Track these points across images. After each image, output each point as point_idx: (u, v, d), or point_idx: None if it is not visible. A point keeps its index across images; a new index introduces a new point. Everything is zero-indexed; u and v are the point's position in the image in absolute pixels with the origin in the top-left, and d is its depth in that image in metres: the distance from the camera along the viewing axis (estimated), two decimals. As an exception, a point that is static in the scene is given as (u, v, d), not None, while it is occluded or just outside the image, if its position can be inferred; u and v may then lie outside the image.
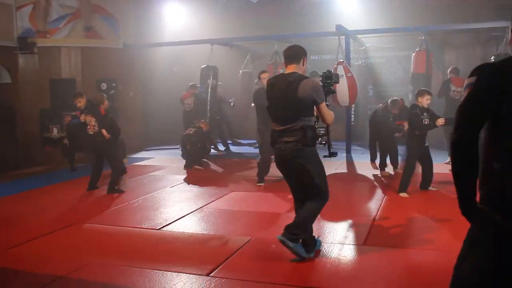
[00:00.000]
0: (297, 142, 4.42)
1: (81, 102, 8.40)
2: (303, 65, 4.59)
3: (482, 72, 1.97)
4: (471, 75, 2.00)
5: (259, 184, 8.18)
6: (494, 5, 12.78)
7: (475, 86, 1.96)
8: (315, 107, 4.52)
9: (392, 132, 8.61)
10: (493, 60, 10.17)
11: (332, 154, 5.06)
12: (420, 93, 7.11)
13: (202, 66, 11.74)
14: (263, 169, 8.23)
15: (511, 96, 1.87)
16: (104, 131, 7.67)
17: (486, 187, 1.97)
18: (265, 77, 7.91)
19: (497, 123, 1.92)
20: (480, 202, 1.98)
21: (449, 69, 10.84)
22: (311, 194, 4.61)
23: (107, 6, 12.14)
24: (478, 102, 1.95)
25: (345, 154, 11.01)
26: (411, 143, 7.05)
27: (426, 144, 7.10)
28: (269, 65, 12.54)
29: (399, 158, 8.58)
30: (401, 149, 8.22)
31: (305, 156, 4.48)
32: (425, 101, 7.01)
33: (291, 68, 4.54)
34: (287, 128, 4.45)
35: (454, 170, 1.99)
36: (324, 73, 5.07)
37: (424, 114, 6.95)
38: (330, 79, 4.97)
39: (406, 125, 7.60)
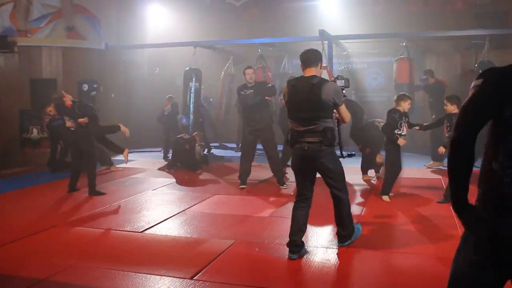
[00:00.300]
0: (320, 143, 4.65)
1: (52, 111, 8.44)
2: (320, 68, 4.81)
3: (490, 75, 2.00)
4: (479, 77, 2.03)
5: (242, 186, 8.17)
6: (474, 14, 13.02)
7: (481, 88, 1.99)
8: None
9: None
10: (476, 68, 10.33)
11: (350, 155, 5.36)
12: (402, 98, 7.13)
13: (186, 69, 11.70)
14: (242, 170, 8.23)
15: None
16: (80, 120, 7.61)
17: (485, 186, 2.01)
18: (249, 72, 8.07)
19: (499, 125, 1.95)
20: (478, 200, 2.03)
21: (424, 71, 10.92)
22: (335, 193, 4.95)
23: (90, 7, 12.04)
24: (482, 104, 1.99)
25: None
26: (389, 146, 7.09)
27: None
28: (257, 70, 12.54)
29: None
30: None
31: (327, 156, 4.73)
32: (406, 105, 7.07)
33: (311, 71, 4.74)
34: (309, 129, 4.66)
35: (450, 166, 2.04)
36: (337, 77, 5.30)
37: (404, 118, 7.02)
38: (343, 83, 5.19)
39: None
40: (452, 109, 7.04)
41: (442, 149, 6.94)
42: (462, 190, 2.00)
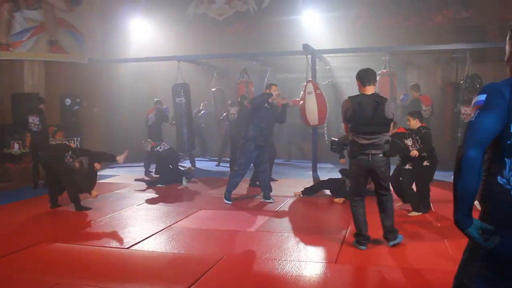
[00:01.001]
0: (383, 155, 5.29)
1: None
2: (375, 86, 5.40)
3: (493, 90, 2.01)
4: (481, 92, 2.04)
5: (228, 201, 8.13)
6: (454, 28, 13.26)
7: (485, 104, 2.00)
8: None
9: None
10: (462, 82, 10.48)
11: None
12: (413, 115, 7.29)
13: (174, 83, 11.70)
14: (233, 184, 8.19)
15: None
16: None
17: (491, 200, 2.02)
18: (275, 89, 8.07)
19: (504, 139, 1.97)
20: (482, 214, 2.05)
21: (411, 86, 11.08)
22: (384, 193, 5.49)
23: (73, 21, 11.97)
24: (489, 119, 1.99)
25: (311, 173, 11.08)
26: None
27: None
28: (239, 84, 12.62)
29: None
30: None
31: (386, 165, 5.42)
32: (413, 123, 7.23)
33: (371, 90, 5.28)
34: (373, 142, 5.23)
35: (458, 185, 2.03)
36: None
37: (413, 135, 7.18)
38: None
39: None
40: (415, 123, 7.12)
41: (415, 152, 6.92)
42: (469, 209, 2.02)
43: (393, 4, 13.84)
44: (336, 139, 6.20)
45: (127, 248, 5.68)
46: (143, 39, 14.01)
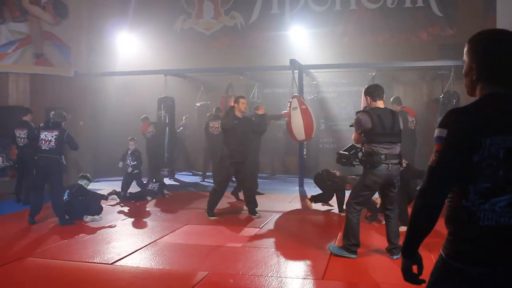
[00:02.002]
0: (399, 165, 5.63)
1: None
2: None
3: (453, 125, 1.97)
4: (442, 125, 2.00)
5: (212, 217, 8.07)
6: (439, 45, 13.42)
7: (446, 144, 1.96)
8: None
9: None
10: (441, 98, 10.58)
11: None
12: None
13: (159, 97, 11.65)
14: (214, 202, 8.16)
15: (481, 145, 1.90)
16: None
17: (456, 223, 2.00)
18: (244, 102, 8.11)
19: (467, 170, 1.94)
20: (448, 236, 2.03)
21: (392, 99, 11.12)
22: (393, 208, 5.76)
23: (59, 34, 11.93)
24: (451, 165, 1.97)
25: (297, 188, 11.07)
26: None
27: None
28: (222, 98, 12.61)
29: None
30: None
31: (399, 174, 5.71)
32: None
33: (382, 104, 5.63)
34: (390, 153, 5.50)
35: (415, 220, 2.05)
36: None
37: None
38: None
39: None
40: None
41: None
42: (417, 241, 2.08)
43: (379, 21, 13.99)
44: (346, 152, 6.31)
45: (111, 263, 5.60)
46: (130, 53, 13.97)
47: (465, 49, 2.14)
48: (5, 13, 11.17)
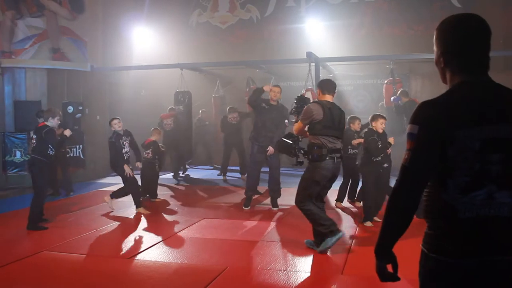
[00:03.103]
0: (340, 158, 5.66)
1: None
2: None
3: (424, 120, 1.88)
4: (413, 120, 1.91)
5: (246, 207, 8.20)
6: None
7: (418, 140, 1.88)
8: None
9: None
10: None
11: (300, 163, 6.06)
12: (374, 118, 7.03)
13: (176, 90, 11.64)
14: (250, 188, 8.30)
15: (455, 138, 1.82)
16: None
17: (435, 216, 1.93)
18: (274, 90, 8.17)
19: (442, 164, 1.86)
20: (429, 229, 1.96)
21: (399, 92, 10.95)
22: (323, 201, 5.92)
23: (76, 28, 11.96)
24: (423, 159, 1.89)
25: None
26: (366, 168, 7.03)
27: (386, 165, 7.04)
28: (247, 93, 12.61)
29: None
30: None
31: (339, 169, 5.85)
32: (379, 125, 6.93)
33: (331, 98, 5.69)
34: (335, 147, 5.56)
35: (388, 217, 1.98)
36: (298, 96, 6.19)
37: (379, 139, 6.94)
38: (303, 101, 5.99)
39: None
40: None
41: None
42: (391, 242, 2.00)
43: (396, 13, 13.82)
44: (289, 141, 5.97)
45: (129, 258, 5.60)
46: (146, 47, 13.99)
47: (434, 37, 2.05)
48: (22, 9, 11.22)
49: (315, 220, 5.58)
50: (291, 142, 5.93)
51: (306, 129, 5.69)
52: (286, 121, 8.17)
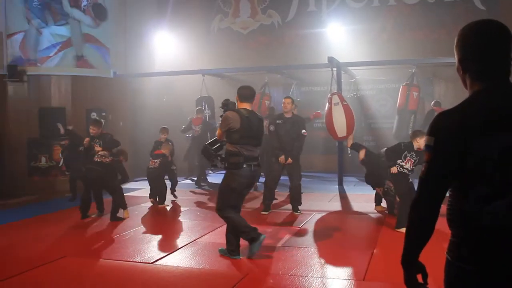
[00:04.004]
0: (258, 165, 5.72)
1: (94, 130, 8.43)
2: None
3: (440, 132, 1.86)
4: (430, 132, 1.90)
5: (264, 212, 8.23)
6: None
7: (434, 152, 1.87)
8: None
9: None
10: None
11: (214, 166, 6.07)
12: (417, 134, 6.93)
13: (197, 97, 11.73)
14: (268, 197, 8.34)
15: (473, 148, 1.79)
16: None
17: (458, 225, 1.91)
18: (285, 101, 8.24)
19: (462, 175, 1.84)
20: (453, 237, 1.94)
21: (432, 103, 10.95)
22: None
23: (99, 36, 12.14)
24: (440, 172, 1.87)
25: (337, 186, 10.95)
26: (396, 176, 6.99)
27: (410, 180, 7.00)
28: (257, 94, 12.59)
29: None
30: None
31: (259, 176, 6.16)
32: (422, 142, 6.58)
33: (250, 106, 5.79)
34: (252, 155, 5.63)
35: (408, 232, 1.99)
36: (223, 101, 6.03)
37: (412, 153, 6.87)
38: (227, 106, 5.90)
39: None
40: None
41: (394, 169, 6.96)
42: (415, 252, 1.99)
43: (418, 17, 13.70)
44: (211, 147, 5.96)
45: (151, 263, 5.64)
46: (167, 53, 14.12)
47: (455, 44, 2.02)
48: (47, 17, 11.43)
49: (235, 228, 5.63)
50: (211, 148, 5.92)
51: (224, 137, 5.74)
52: (304, 131, 8.16)
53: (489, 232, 1.82)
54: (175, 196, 9.79)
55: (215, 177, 13.30)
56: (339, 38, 13.52)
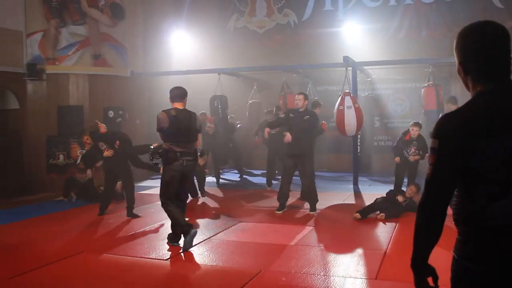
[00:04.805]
0: (193, 160, 6.24)
1: (88, 140, 9.06)
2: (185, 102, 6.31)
3: (443, 134, 1.88)
4: (434, 134, 1.91)
5: (278, 212, 8.26)
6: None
7: (439, 154, 1.88)
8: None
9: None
10: None
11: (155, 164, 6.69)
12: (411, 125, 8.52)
13: (212, 96, 11.78)
14: (281, 196, 8.36)
15: (477, 149, 1.80)
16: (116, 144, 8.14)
17: (465, 224, 1.92)
18: (296, 97, 8.29)
19: (467, 175, 1.85)
20: (459, 235, 1.95)
21: (447, 99, 10.83)
22: (185, 199, 6.76)
23: (116, 35, 12.28)
24: (445, 174, 1.88)
25: (352, 186, 10.94)
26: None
27: None
28: (280, 97, 12.67)
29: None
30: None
31: (194, 169, 6.49)
32: (413, 131, 8.59)
33: (182, 105, 6.22)
34: (185, 151, 6.09)
35: (416, 235, 1.99)
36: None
37: (413, 143, 8.33)
38: None
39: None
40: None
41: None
42: (424, 255, 2.00)
43: (435, 15, 13.61)
44: (152, 147, 6.65)
45: (166, 259, 5.71)
46: (184, 52, 14.21)
47: (454, 46, 2.03)
48: (66, 17, 11.59)
49: (172, 219, 6.15)
50: (151, 147, 6.59)
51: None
52: (322, 121, 8.20)
53: (493, 231, 1.83)
54: (202, 194, 9.95)
55: (229, 176, 13.40)
56: (355, 37, 13.48)
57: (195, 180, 9.77)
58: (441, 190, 1.91)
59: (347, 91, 10.56)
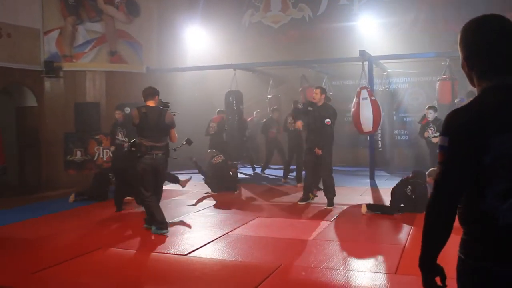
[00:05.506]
0: (163, 154, 6.69)
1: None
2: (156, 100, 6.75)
3: (453, 131, 1.82)
4: (444, 131, 1.85)
5: (300, 202, 8.47)
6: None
7: (448, 153, 1.83)
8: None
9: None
10: None
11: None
12: None
13: (227, 91, 11.79)
14: (306, 187, 8.60)
15: (490, 145, 1.75)
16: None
17: (473, 224, 1.88)
18: (317, 92, 8.27)
19: (479, 173, 1.80)
20: (465, 235, 1.92)
21: (466, 94, 10.76)
22: (161, 190, 7.04)
23: (132, 32, 12.34)
24: (455, 173, 1.82)
25: (369, 180, 10.90)
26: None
27: None
28: (300, 92, 12.66)
29: None
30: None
31: (165, 163, 6.84)
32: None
33: (153, 103, 6.67)
34: (155, 145, 6.54)
35: (425, 234, 1.95)
36: (159, 100, 6.92)
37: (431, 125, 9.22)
38: (163, 105, 6.90)
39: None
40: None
41: None
42: (433, 255, 1.95)
43: (452, 8, 13.46)
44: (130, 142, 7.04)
45: (185, 254, 5.74)
46: (199, 48, 14.24)
47: (458, 41, 1.98)
48: (82, 14, 11.68)
49: (152, 214, 6.62)
50: (130, 143, 6.98)
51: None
52: (327, 120, 8.11)
53: (505, 230, 1.79)
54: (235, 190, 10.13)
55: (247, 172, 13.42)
56: (371, 31, 13.38)
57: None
58: (450, 190, 1.85)
59: (363, 85, 10.51)
